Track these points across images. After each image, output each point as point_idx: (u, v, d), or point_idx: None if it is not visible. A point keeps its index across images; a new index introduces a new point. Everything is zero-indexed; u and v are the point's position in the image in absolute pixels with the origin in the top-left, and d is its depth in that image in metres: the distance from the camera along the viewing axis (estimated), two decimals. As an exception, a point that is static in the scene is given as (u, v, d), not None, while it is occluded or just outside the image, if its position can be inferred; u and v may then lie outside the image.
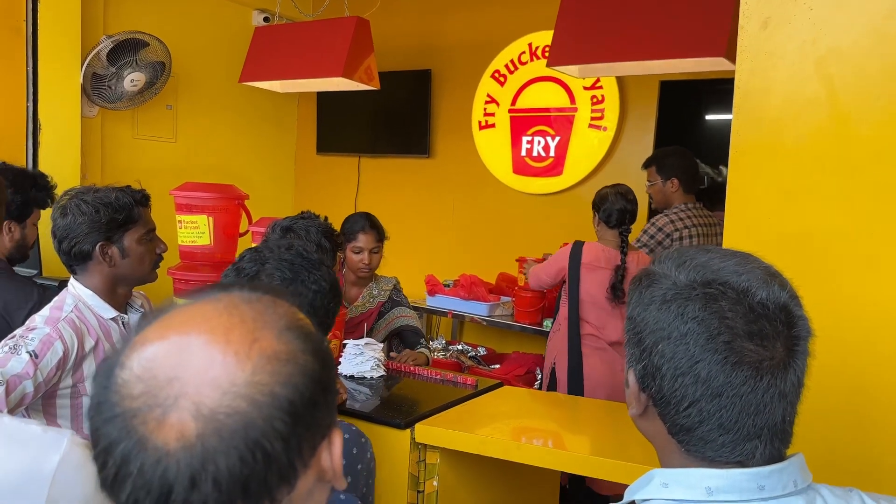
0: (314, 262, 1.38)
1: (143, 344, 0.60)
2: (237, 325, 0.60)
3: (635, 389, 0.90)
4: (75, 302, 1.82)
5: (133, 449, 0.55)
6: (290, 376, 0.59)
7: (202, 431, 0.55)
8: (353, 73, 3.51)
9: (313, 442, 0.61)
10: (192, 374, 0.57)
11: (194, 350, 0.58)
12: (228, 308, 0.62)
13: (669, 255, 0.91)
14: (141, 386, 0.57)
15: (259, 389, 0.57)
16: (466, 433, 1.95)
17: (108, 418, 0.57)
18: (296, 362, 0.60)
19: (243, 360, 0.58)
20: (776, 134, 1.39)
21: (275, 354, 0.59)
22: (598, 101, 4.06)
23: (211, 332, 0.59)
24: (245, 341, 0.59)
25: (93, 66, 3.64)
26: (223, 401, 0.56)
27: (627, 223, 3.06)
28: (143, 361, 0.58)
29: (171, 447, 0.55)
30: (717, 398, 0.82)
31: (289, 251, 1.39)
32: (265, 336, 0.60)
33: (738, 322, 0.82)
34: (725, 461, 0.85)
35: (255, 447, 0.56)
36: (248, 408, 0.56)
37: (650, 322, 0.86)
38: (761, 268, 0.87)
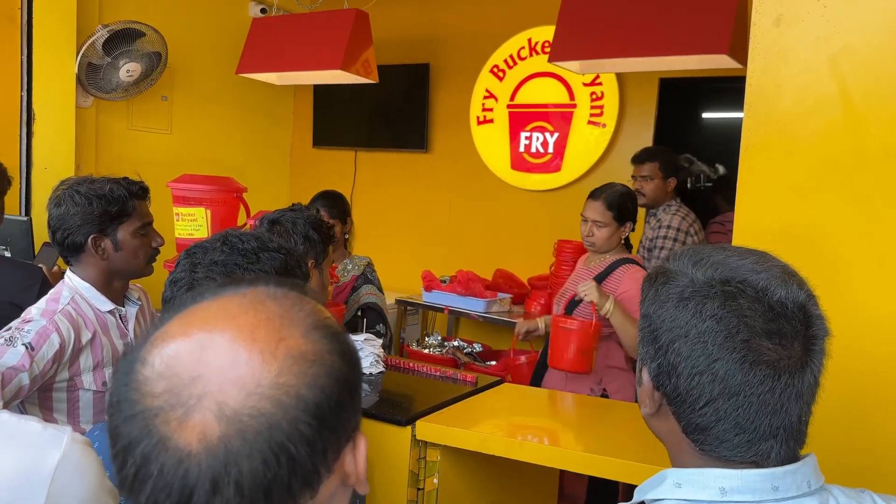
0: (251, 252, 1.26)
1: (165, 340, 0.58)
2: (263, 322, 0.58)
3: (649, 388, 0.89)
4: (72, 294, 1.79)
5: (154, 449, 0.54)
6: (317, 378, 0.57)
7: (225, 433, 0.53)
8: (351, 66, 3.48)
9: (338, 446, 0.59)
10: (216, 372, 0.55)
11: (218, 348, 0.56)
12: (254, 304, 0.60)
13: (685, 253, 0.89)
14: (163, 384, 0.55)
15: (285, 391, 0.55)
16: (468, 430, 1.93)
17: (128, 416, 0.55)
18: (322, 363, 0.58)
19: (269, 360, 0.56)
20: (788, 132, 1.38)
21: (301, 355, 0.57)
22: (598, 98, 4.04)
23: (236, 330, 0.57)
24: (271, 340, 0.57)
25: (88, 55, 3.60)
26: (247, 402, 0.54)
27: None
28: (166, 358, 0.56)
29: (193, 448, 0.53)
30: (734, 397, 0.81)
31: (223, 248, 1.27)
32: (292, 335, 0.58)
33: (757, 321, 0.81)
34: (740, 461, 0.84)
35: (280, 451, 0.54)
36: (273, 409, 0.54)
37: (666, 320, 0.85)
38: (779, 266, 0.86)
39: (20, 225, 3.05)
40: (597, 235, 2.64)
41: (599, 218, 2.63)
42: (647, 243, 3.49)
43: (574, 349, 2.43)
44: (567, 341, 2.45)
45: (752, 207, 1.40)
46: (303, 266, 1.38)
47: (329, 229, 1.93)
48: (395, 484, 1.99)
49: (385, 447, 2.00)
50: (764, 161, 1.39)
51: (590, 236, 2.67)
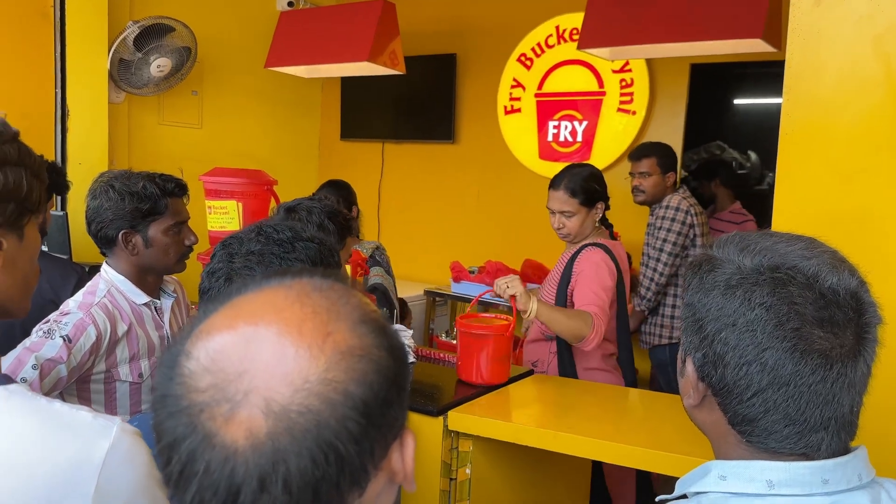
0: (287, 241, 1.26)
1: (211, 333, 0.57)
2: (310, 316, 0.56)
3: (693, 379, 0.87)
4: (108, 287, 1.82)
5: (199, 446, 0.53)
6: (365, 374, 0.55)
7: (273, 430, 0.52)
8: (378, 58, 3.48)
9: (385, 443, 0.58)
10: (263, 368, 0.53)
11: (265, 342, 0.55)
12: (300, 297, 0.58)
13: (730, 240, 0.87)
14: (208, 378, 0.54)
15: (333, 387, 0.54)
16: (500, 421, 1.92)
17: (173, 412, 0.55)
18: (370, 358, 0.56)
19: (317, 355, 0.54)
20: (829, 115, 1.34)
21: (349, 350, 0.56)
22: (627, 85, 3.99)
23: (283, 324, 0.56)
24: (318, 334, 0.55)
25: (119, 51, 3.64)
26: (295, 398, 0.53)
27: None
28: (211, 352, 0.55)
29: (240, 445, 0.52)
30: (784, 387, 0.79)
31: (258, 238, 1.27)
32: (339, 329, 0.56)
33: (808, 308, 0.78)
34: (789, 453, 0.82)
35: (328, 448, 0.53)
36: (321, 406, 0.53)
37: (713, 308, 0.83)
38: (828, 252, 0.83)
39: (56, 220, 3.10)
40: (568, 226, 2.48)
41: (566, 207, 2.47)
42: (649, 230, 3.44)
43: (487, 358, 2.16)
44: (478, 350, 2.17)
45: (793, 194, 1.37)
46: (335, 255, 1.38)
47: (346, 220, 1.91)
48: (427, 474, 1.99)
49: (418, 437, 2.00)
50: (804, 146, 1.36)
51: (561, 228, 2.51)
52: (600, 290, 2.37)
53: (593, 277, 2.39)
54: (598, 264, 2.42)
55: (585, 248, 2.47)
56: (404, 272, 4.75)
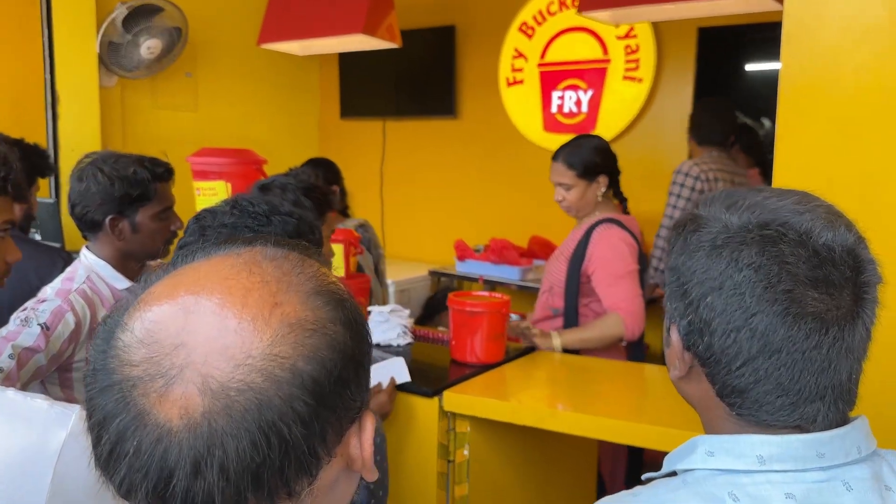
0: (262, 215, 1.21)
1: (149, 303, 0.52)
2: (257, 286, 0.52)
3: (679, 348, 0.80)
4: (87, 273, 1.77)
5: (130, 424, 0.48)
6: (317, 349, 0.50)
7: (209, 409, 0.47)
8: (373, 30, 3.38)
9: (340, 426, 0.53)
10: (202, 341, 0.49)
11: (205, 313, 0.50)
12: (249, 265, 0.53)
13: (717, 197, 0.80)
14: (143, 351, 0.49)
15: (279, 363, 0.49)
16: (497, 400, 1.85)
17: (104, 387, 0.50)
18: (324, 333, 0.51)
19: (261, 328, 0.49)
20: (832, 66, 1.24)
21: (299, 322, 0.51)
22: (633, 52, 3.87)
23: (226, 293, 0.51)
24: (265, 305, 0.50)
25: (108, 34, 3.57)
26: (235, 374, 0.48)
27: None
28: (147, 323, 0.50)
29: (174, 425, 0.47)
30: (775, 355, 0.72)
31: (233, 211, 1.22)
32: (289, 300, 0.52)
33: (801, 268, 0.71)
34: (782, 426, 0.75)
35: (271, 431, 0.48)
36: (265, 384, 0.48)
37: (697, 271, 0.76)
38: (823, 206, 0.76)
39: (48, 207, 3.05)
40: (568, 199, 2.40)
41: (564, 180, 2.39)
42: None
43: (482, 337, 2.08)
44: (472, 329, 2.08)
45: (794, 150, 1.27)
46: (315, 231, 1.32)
47: (323, 194, 1.84)
48: (424, 456, 1.93)
49: (413, 419, 1.94)
50: (805, 100, 1.26)
51: (562, 202, 2.43)
52: (625, 277, 2.28)
53: (615, 263, 2.29)
54: (617, 246, 2.32)
55: (599, 224, 2.36)
56: (408, 252, 4.69)
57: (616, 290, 2.27)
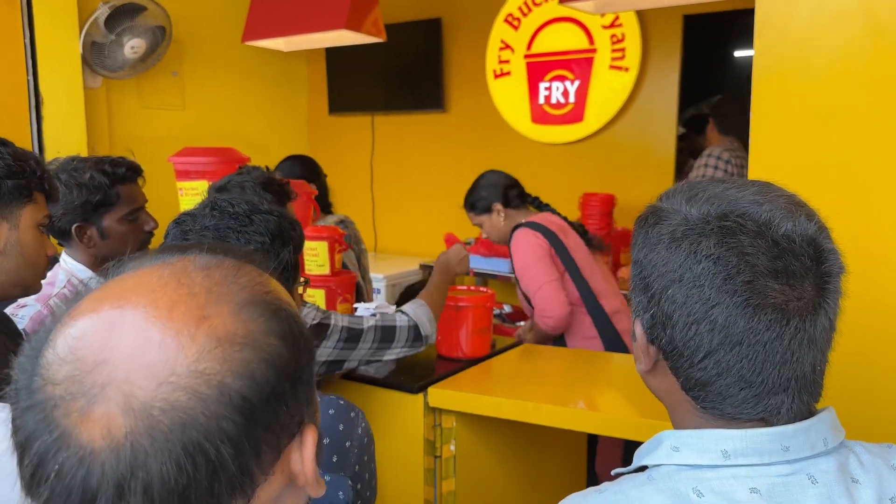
0: (243, 215, 1.19)
1: (74, 318, 0.50)
2: (184, 298, 0.50)
3: (643, 342, 0.80)
4: (67, 277, 1.76)
5: (53, 445, 0.46)
6: (246, 364, 0.49)
7: (132, 429, 0.46)
8: (357, 25, 3.36)
9: (277, 443, 0.51)
10: (124, 357, 0.47)
11: (128, 328, 0.48)
12: (177, 276, 0.51)
13: (679, 189, 0.79)
14: (66, 369, 0.47)
15: (204, 380, 0.47)
16: (481, 395, 1.85)
17: (27, 406, 0.48)
18: (255, 346, 0.50)
19: (186, 343, 0.48)
20: (804, 51, 1.23)
21: (227, 336, 0.49)
22: (619, 41, 3.85)
23: (151, 306, 0.49)
24: (191, 318, 0.49)
25: (91, 34, 3.54)
26: (158, 392, 0.46)
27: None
28: (70, 339, 0.49)
29: (97, 446, 0.46)
30: (736, 347, 0.71)
31: (213, 213, 1.21)
32: (218, 312, 0.50)
33: (760, 259, 0.70)
34: (747, 419, 0.74)
35: (196, 451, 0.46)
36: (189, 402, 0.46)
37: (658, 264, 0.75)
38: (784, 196, 0.75)
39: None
40: (489, 235, 2.68)
41: (474, 222, 2.70)
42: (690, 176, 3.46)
43: (467, 331, 2.09)
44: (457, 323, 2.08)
45: (768, 137, 1.26)
46: (297, 227, 1.29)
47: (281, 186, 1.82)
48: (411, 452, 1.92)
49: (399, 415, 1.93)
50: (778, 85, 1.25)
51: (487, 238, 2.75)
52: (534, 269, 2.47)
53: (523, 262, 2.51)
54: (519, 247, 2.53)
55: (511, 239, 2.60)
56: (399, 247, 4.68)
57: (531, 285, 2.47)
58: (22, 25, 3.37)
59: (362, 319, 1.77)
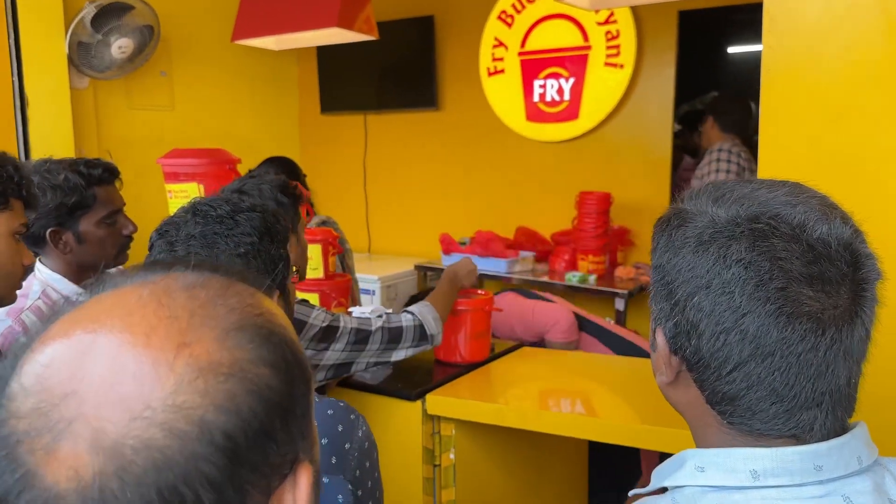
0: (227, 217, 1.14)
1: (45, 342, 0.45)
2: (164, 321, 0.45)
3: (665, 352, 0.75)
4: (42, 287, 1.68)
5: (15, 486, 0.41)
6: (231, 397, 0.43)
7: (101, 469, 0.40)
8: (349, 23, 3.30)
9: (266, 486, 0.45)
10: (95, 389, 0.42)
11: (101, 355, 0.43)
12: (159, 297, 0.46)
13: (703, 190, 0.74)
14: (31, 401, 0.43)
15: (182, 415, 0.42)
16: (481, 402, 1.80)
17: None
18: (242, 377, 0.44)
19: (164, 373, 0.42)
20: (814, 45, 1.18)
21: (211, 365, 0.44)
22: (613, 37, 3.81)
23: (127, 331, 0.44)
24: (170, 345, 0.43)
25: (77, 34, 3.47)
26: (131, 429, 0.41)
27: None
28: (38, 367, 0.44)
29: (62, 488, 0.40)
30: (768, 358, 0.66)
31: (195, 219, 1.15)
32: (201, 338, 0.44)
33: (794, 264, 0.65)
34: (777, 435, 0.69)
35: (173, 496, 0.41)
36: (165, 440, 0.41)
37: (683, 269, 0.70)
38: (817, 198, 0.70)
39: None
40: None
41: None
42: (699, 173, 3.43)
43: (465, 335, 2.03)
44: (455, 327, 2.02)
45: (777, 135, 1.22)
46: (281, 221, 1.24)
47: (295, 189, 1.79)
48: (409, 462, 1.87)
49: (396, 423, 1.88)
50: (789, 83, 1.20)
51: None
52: None
53: None
54: None
55: None
56: (393, 247, 4.63)
57: None
58: (6, 25, 3.30)
59: (370, 321, 1.75)
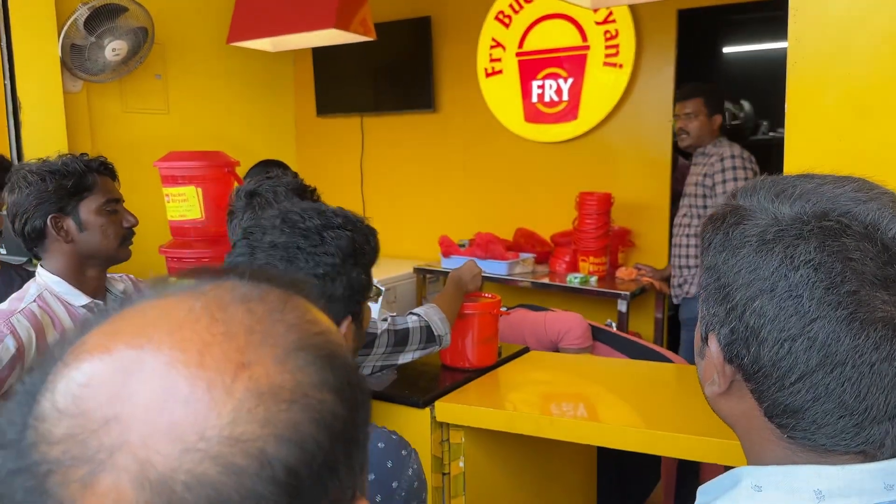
0: (314, 232, 1.09)
1: (80, 357, 0.40)
2: (220, 339, 0.39)
3: (718, 360, 0.69)
4: (40, 291, 1.64)
5: None
6: (294, 427, 0.38)
7: None
8: (345, 24, 3.26)
9: None
10: (141, 414, 0.37)
11: (148, 375, 0.38)
12: (211, 310, 0.41)
13: (760, 185, 0.68)
14: (65, 425, 0.37)
15: (241, 448, 0.37)
16: (491, 409, 1.75)
17: (14, 469, 0.38)
18: (305, 404, 0.39)
19: (221, 398, 0.37)
20: (843, 38, 1.15)
21: (272, 390, 0.39)
22: (612, 37, 3.77)
23: (178, 349, 0.39)
24: (228, 366, 0.38)
25: (70, 36, 3.41)
26: (183, 462, 0.36)
27: None
28: (74, 387, 0.38)
29: None
30: (838, 368, 0.61)
31: (283, 227, 1.09)
32: (261, 359, 0.39)
33: (868, 265, 0.60)
34: (843, 451, 0.64)
35: None
36: (221, 476, 0.36)
37: (743, 271, 0.65)
38: (888, 195, 0.65)
39: (12, 220, 2.90)
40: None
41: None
42: (703, 181, 3.24)
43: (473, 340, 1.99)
44: (462, 332, 1.97)
45: (806, 130, 1.18)
46: (371, 242, 1.18)
47: (312, 193, 1.74)
48: (417, 470, 1.82)
49: (404, 431, 1.83)
50: (816, 76, 1.17)
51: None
52: None
53: None
54: None
55: None
56: (392, 250, 4.57)
57: None
58: (-3, 28, 3.24)
59: (374, 323, 1.70)
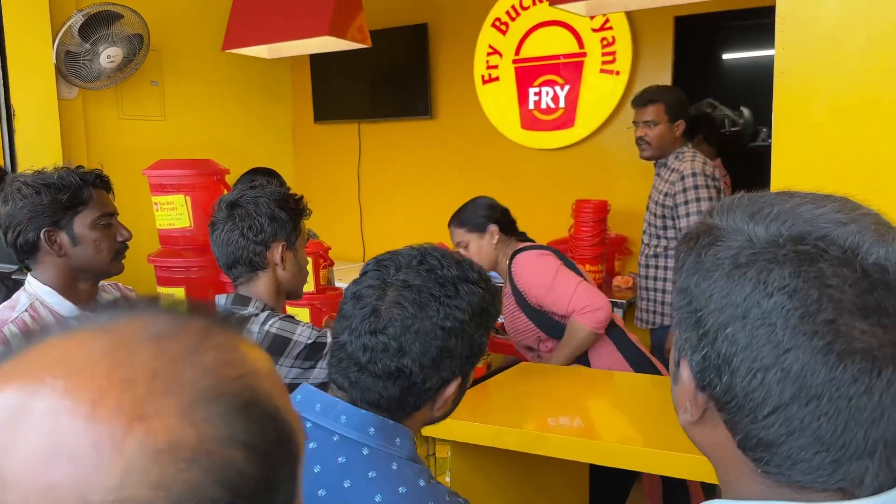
0: (450, 282, 1.02)
1: None
2: (118, 386, 0.35)
3: (690, 388, 0.65)
4: (30, 300, 1.63)
5: None
6: (195, 490, 0.34)
7: None
8: (341, 32, 3.25)
9: None
10: (22, 471, 0.33)
11: (34, 425, 0.34)
12: (115, 351, 0.37)
13: (737, 203, 0.64)
14: None
15: None
16: (478, 423, 1.72)
17: None
18: (209, 463, 0.35)
19: (109, 457, 0.34)
20: (832, 44, 1.12)
21: (171, 446, 0.35)
22: (609, 44, 3.76)
23: (70, 397, 0.34)
24: (121, 419, 0.34)
25: (65, 43, 3.40)
26: None
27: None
28: None
29: None
30: (814, 401, 0.57)
31: (420, 268, 1.03)
32: (162, 410, 0.35)
33: (847, 292, 0.56)
34: (821, 488, 0.60)
35: None
36: None
37: (715, 295, 0.61)
38: (871, 216, 0.60)
39: (3, 228, 2.89)
40: (471, 254, 2.48)
41: (458, 240, 2.56)
42: (663, 200, 3.03)
43: None
44: None
45: (793, 141, 1.15)
46: (496, 304, 1.12)
47: (297, 202, 1.71)
48: (404, 484, 1.79)
49: (391, 444, 1.80)
50: (803, 84, 1.14)
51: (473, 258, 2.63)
52: (560, 277, 2.37)
53: (545, 278, 2.39)
54: (535, 266, 2.44)
55: (510, 265, 2.50)
56: (389, 257, 4.55)
57: (558, 296, 2.33)
58: (-9, 34, 3.23)
59: None
